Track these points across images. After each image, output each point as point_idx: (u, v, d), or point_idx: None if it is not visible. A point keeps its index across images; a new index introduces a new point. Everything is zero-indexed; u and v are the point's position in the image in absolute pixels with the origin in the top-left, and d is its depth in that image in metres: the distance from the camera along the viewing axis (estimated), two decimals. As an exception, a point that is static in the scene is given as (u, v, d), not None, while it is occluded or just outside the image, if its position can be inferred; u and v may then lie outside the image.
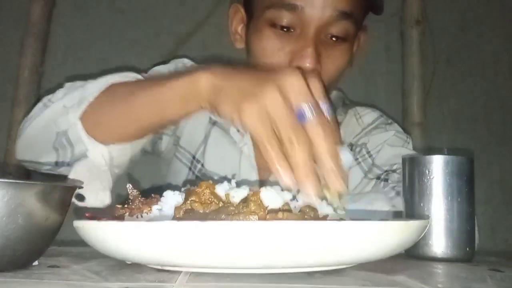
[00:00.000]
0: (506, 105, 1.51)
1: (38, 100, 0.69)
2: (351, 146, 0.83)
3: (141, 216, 0.44)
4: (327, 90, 0.69)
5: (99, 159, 0.59)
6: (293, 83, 0.45)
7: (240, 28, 0.77)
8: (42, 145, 0.63)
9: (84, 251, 0.50)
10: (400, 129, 0.86)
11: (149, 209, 0.44)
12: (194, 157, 0.82)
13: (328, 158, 0.43)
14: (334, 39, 0.69)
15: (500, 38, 1.52)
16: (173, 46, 1.40)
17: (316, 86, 0.46)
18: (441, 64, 1.48)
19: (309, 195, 0.42)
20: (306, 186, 0.42)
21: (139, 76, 0.67)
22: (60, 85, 0.70)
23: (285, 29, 0.68)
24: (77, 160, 0.60)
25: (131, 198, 0.46)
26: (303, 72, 0.46)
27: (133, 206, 0.45)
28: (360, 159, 0.81)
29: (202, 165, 0.80)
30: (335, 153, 0.43)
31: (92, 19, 1.40)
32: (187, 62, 0.82)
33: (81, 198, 0.56)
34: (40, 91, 1.37)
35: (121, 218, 0.45)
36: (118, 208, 0.45)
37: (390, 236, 0.37)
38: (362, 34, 0.79)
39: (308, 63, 0.66)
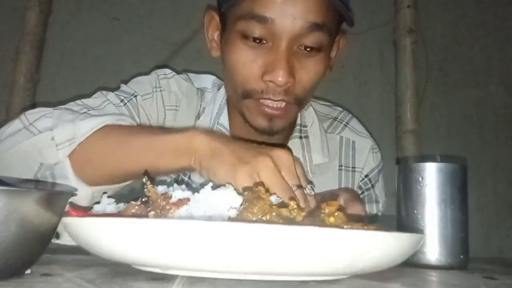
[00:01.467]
0: (498, 113, 1.53)
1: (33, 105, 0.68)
2: (367, 179, 0.85)
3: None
4: (302, 101, 0.71)
5: (81, 199, 0.59)
6: (284, 160, 0.50)
7: (216, 35, 0.76)
8: (22, 170, 0.61)
9: (78, 259, 0.49)
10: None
11: (174, 208, 0.41)
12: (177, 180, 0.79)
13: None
14: (308, 50, 0.67)
15: (493, 46, 1.54)
16: (169, 53, 1.41)
17: (301, 171, 0.52)
18: (434, 72, 1.50)
19: None
20: None
21: (132, 121, 0.68)
22: (40, 105, 0.68)
23: (257, 41, 0.66)
24: None
25: (150, 195, 0.42)
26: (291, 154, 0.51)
27: (157, 205, 0.41)
28: (366, 195, 0.85)
29: (189, 177, 0.78)
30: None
31: (88, 27, 1.40)
32: (168, 71, 0.81)
33: (57, 235, 0.54)
34: (35, 98, 1.36)
35: (138, 216, 0.41)
36: (133, 205, 0.42)
37: (385, 249, 0.37)
38: (342, 38, 0.77)
39: (280, 77, 0.65)
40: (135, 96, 0.76)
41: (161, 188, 0.43)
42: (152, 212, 0.41)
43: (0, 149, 0.63)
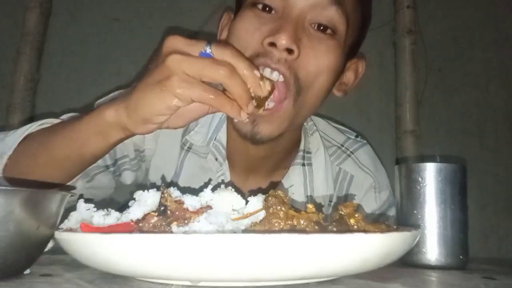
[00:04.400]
0: (497, 113, 1.53)
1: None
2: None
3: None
4: (301, 94, 0.60)
5: None
6: (176, 41, 0.48)
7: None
8: None
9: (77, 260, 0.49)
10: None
11: (192, 217, 0.40)
12: (171, 183, 0.76)
13: (249, 71, 0.48)
14: (320, 29, 0.61)
15: (492, 47, 1.54)
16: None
17: (196, 39, 0.50)
18: (433, 73, 1.50)
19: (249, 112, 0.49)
20: (249, 107, 0.49)
21: (55, 120, 0.66)
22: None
23: (266, 9, 0.61)
24: None
25: (168, 204, 0.41)
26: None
27: (177, 214, 0.40)
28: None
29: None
30: (250, 63, 0.48)
31: (88, 27, 1.40)
32: None
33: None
34: (35, 98, 1.36)
35: (157, 227, 0.40)
36: (152, 215, 0.40)
37: (381, 247, 0.37)
38: (360, 63, 0.72)
39: (283, 39, 0.57)
40: None
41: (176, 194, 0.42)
42: (175, 223, 0.39)
43: None
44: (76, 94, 1.38)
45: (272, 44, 0.58)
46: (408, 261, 0.54)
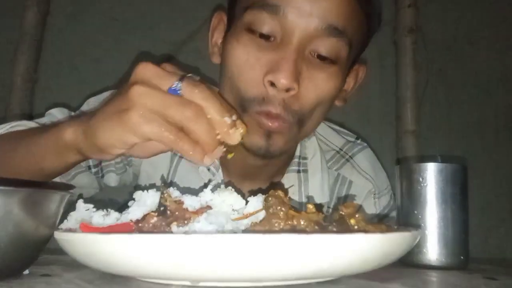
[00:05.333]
0: (499, 113, 1.53)
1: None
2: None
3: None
4: (303, 122, 0.60)
5: None
6: (147, 71, 0.43)
7: (220, 41, 0.69)
8: None
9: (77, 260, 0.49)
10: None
11: (193, 217, 0.39)
12: (171, 183, 0.74)
13: (218, 116, 0.42)
14: (321, 58, 0.58)
15: (493, 46, 1.54)
16: (168, 54, 1.41)
17: (171, 68, 0.45)
18: (434, 72, 1.49)
19: (214, 159, 0.43)
20: (214, 154, 0.43)
21: (32, 124, 0.63)
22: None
23: (264, 38, 0.58)
24: None
25: (167, 204, 0.40)
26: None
27: (177, 214, 0.40)
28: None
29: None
30: (221, 106, 0.43)
31: (86, 26, 1.40)
32: None
33: None
34: (34, 98, 1.36)
35: (158, 227, 0.39)
36: (152, 215, 0.40)
37: (381, 247, 0.37)
38: (361, 68, 0.70)
39: (283, 78, 0.55)
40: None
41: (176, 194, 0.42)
42: (175, 223, 0.39)
43: None
44: (74, 94, 1.37)
45: (273, 84, 0.57)
46: (409, 261, 0.54)
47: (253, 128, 0.60)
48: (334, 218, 0.41)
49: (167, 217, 0.40)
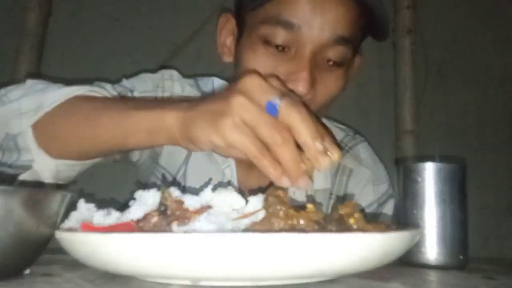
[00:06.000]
0: (497, 113, 1.53)
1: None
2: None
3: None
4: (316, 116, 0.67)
5: (44, 172, 0.57)
6: (252, 83, 0.45)
7: (229, 41, 0.73)
8: None
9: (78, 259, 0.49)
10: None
11: (194, 217, 0.39)
12: (175, 179, 0.77)
13: (310, 141, 0.43)
14: (330, 63, 0.65)
15: (492, 47, 1.54)
16: (169, 54, 1.41)
17: (276, 83, 0.47)
18: (433, 73, 1.50)
19: (302, 190, 0.44)
20: (300, 184, 0.44)
21: (106, 93, 0.63)
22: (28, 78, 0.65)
23: (279, 48, 0.63)
24: (21, 167, 0.57)
25: (168, 203, 0.41)
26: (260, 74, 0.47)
27: (177, 213, 0.40)
28: None
29: (184, 187, 0.75)
30: (315, 131, 0.43)
31: (88, 27, 1.40)
32: (175, 74, 0.79)
33: None
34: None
35: (157, 227, 0.40)
36: (152, 215, 0.40)
37: (380, 246, 0.37)
38: (357, 57, 0.75)
39: (301, 87, 0.62)
40: (132, 91, 0.73)
41: (176, 194, 0.42)
42: (176, 223, 0.39)
43: None
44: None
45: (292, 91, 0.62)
46: (408, 261, 0.54)
47: None
48: (333, 218, 0.42)
49: (168, 217, 0.40)
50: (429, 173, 0.55)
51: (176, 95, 0.77)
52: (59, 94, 0.58)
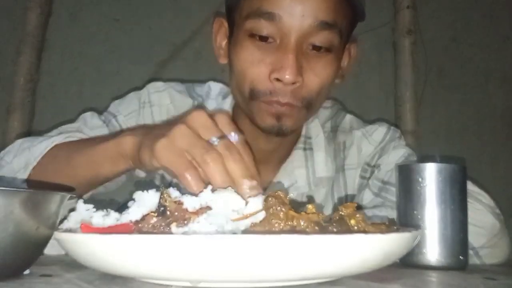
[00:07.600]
0: (497, 114, 1.53)
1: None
2: (368, 166, 0.80)
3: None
4: (311, 105, 0.68)
5: None
6: (198, 119, 0.49)
7: (224, 43, 0.75)
8: None
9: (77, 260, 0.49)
10: (406, 146, 0.83)
11: (193, 218, 0.39)
12: (170, 183, 0.77)
13: (240, 180, 0.46)
14: (317, 49, 0.66)
15: (491, 47, 1.54)
16: (168, 54, 1.41)
17: (223, 121, 0.50)
18: (433, 73, 1.50)
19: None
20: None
21: (80, 135, 0.71)
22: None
23: (264, 40, 0.65)
24: None
25: (167, 204, 0.41)
26: (210, 112, 0.51)
27: (176, 214, 0.40)
28: (370, 182, 0.79)
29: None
30: (245, 170, 0.46)
31: (88, 27, 1.40)
32: (160, 85, 0.81)
33: None
34: (35, 98, 1.36)
35: (156, 228, 0.40)
36: (151, 216, 0.40)
37: (381, 247, 0.37)
38: (353, 46, 0.76)
39: (287, 75, 0.63)
40: (115, 117, 0.78)
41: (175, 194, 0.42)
42: (175, 224, 0.39)
43: None
44: (76, 94, 1.38)
45: (279, 80, 0.64)
46: (408, 262, 0.54)
47: (266, 110, 0.67)
48: (334, 219, 0.42)
49: (167, 218, 0.40)
50: (430, 174, 0.55)
51: (165, 105, 0.79)
52: (41, 148, 0.67)
